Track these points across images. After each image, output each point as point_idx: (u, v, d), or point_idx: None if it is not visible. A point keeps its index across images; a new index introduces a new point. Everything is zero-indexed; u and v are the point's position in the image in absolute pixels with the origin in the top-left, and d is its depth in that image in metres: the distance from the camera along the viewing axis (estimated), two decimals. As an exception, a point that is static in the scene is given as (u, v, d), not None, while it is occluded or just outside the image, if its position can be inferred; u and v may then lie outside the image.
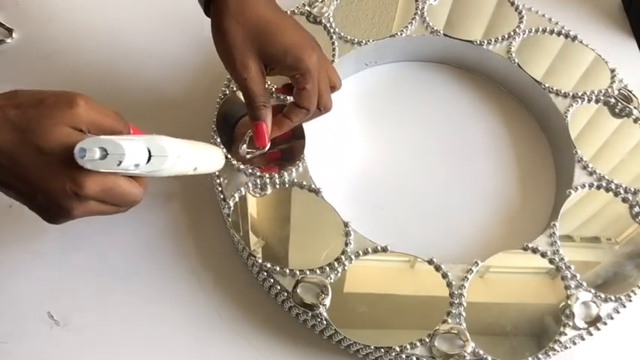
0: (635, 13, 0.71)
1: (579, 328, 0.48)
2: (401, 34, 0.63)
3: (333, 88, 0.54)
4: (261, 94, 0.49)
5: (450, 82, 0.66)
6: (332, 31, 0.62)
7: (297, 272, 0.49)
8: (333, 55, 0.61)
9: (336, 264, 0.49)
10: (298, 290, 0.48)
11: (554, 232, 0.52)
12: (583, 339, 0.48)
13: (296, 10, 0.64)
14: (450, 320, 0.48)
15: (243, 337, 0.50)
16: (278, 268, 0.49)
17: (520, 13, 0.66)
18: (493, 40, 0.63)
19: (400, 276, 0.51)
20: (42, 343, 0.49)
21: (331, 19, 0.63)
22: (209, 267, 0.53)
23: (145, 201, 0.55)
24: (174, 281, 0.52)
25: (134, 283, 0.52)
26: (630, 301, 0.50)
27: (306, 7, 0.64)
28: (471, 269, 0.50)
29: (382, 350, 0.46)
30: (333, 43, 0.62)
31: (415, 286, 0.50)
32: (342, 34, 0.62)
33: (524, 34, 0.64)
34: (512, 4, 0.66)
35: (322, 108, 0.52)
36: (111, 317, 0.50)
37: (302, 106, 0.50)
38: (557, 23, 0.65)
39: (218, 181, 0.53)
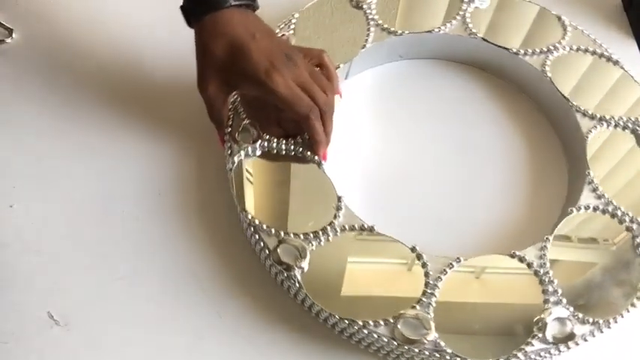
0: (635, 13, 0.70)
1: (548, 343, 0.47)
2: (439, 30, 0.64)
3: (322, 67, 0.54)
4: (215, 115, 0.52)
5: (477, 86, 0.65)
6: (370, 17, 0.64)
7: (282, 233, 0.51)
8: (366, 41, 0.62)
9: (320, 233, 0.51)
10: (279, 250, 0.50)
11: (545, 246, 0.52)
12: (550, 354, 0.48)
13: (341, -6, 0.65)
14: (418, 307, 0.48)
15: (244, 338, 0.50)
16: (265, 227, 0.51)
17: (565, 28, 0.65)
18: (530, 51, 0.63)
19: (381, 257, 0.52)
20: (42, 343, 0.49)
21: (372, 6, 0.65)
22: (209, 267, 0.53)
23: (145, 201, 0.56)
24: (175, 281, 0.52)
25: (134, 283, 0.52)
26: (609, 327, 0.49)
27: (351, -8, 0.65)
28: (451, 264, 0.50)
29: (346, 322, 0.48)
30: (368, 29, 0.63)
31: (393, 270, 0.51)
32: (379, 22, 0.64)
33: (564, 49, 0.63)
34: (559, 19, 0.65)
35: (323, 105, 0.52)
36: (111, 317, 0.50)
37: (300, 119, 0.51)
38: (601, 45, 0.64)
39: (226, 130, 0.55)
